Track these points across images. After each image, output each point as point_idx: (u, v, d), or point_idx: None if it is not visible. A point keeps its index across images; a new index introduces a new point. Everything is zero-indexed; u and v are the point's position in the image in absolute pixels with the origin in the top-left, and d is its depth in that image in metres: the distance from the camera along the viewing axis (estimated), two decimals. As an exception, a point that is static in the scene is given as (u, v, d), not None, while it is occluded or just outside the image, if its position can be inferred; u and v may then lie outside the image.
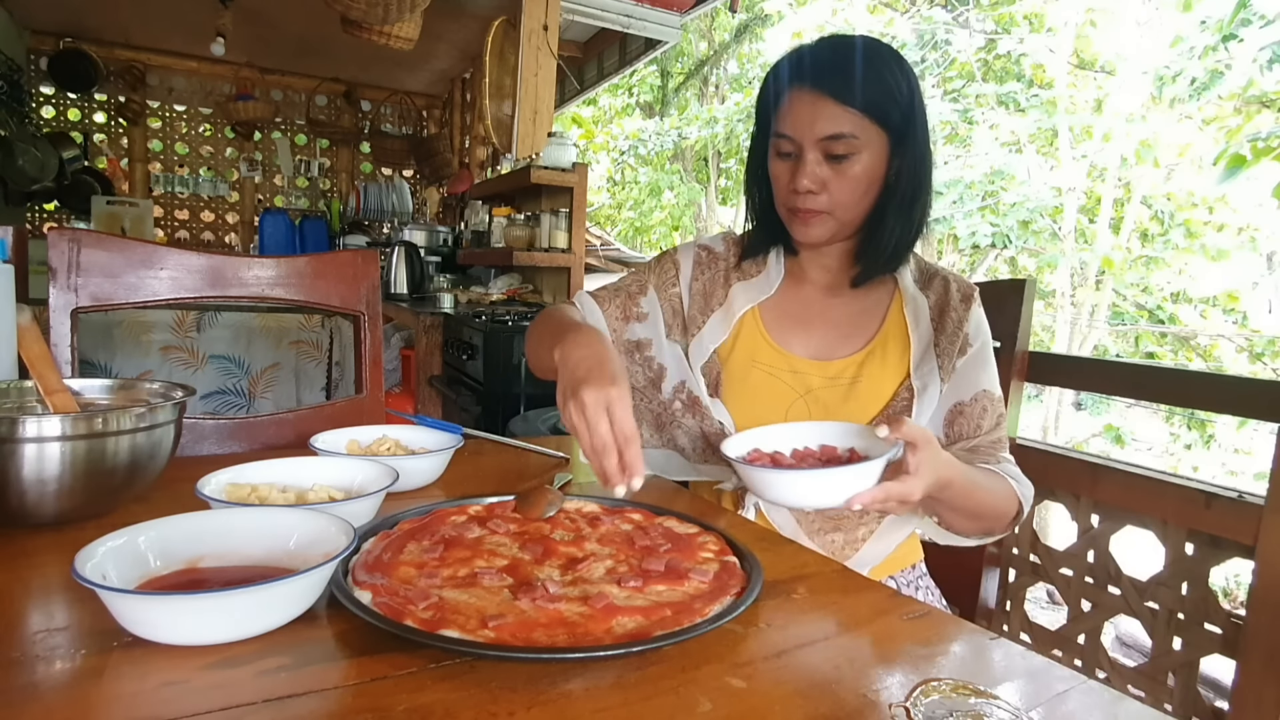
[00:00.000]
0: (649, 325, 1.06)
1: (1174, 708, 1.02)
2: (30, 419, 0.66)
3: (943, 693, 0.47)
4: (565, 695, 0.47)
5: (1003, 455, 0.98)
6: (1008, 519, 0.93)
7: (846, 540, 0.99)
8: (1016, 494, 0.93)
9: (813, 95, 0.91)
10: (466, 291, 3.42)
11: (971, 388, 0.97)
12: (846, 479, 0.75)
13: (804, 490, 0.76)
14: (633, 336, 1.06)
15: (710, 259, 1.08)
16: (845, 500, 0.75)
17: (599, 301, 1.06)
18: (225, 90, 4.80)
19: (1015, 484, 0.93)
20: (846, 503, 0.75)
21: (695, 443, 1.03)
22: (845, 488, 0.75)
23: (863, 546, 0.98)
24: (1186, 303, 6.10)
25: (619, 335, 1.05)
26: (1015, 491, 0.92)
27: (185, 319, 2.33)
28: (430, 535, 0.68)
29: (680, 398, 1.03)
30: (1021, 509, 0.93)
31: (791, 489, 0.77)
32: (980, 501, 0.88)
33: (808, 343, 1.02)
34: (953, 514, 0.90)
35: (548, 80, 3.20)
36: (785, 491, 0.77)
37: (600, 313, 1.05)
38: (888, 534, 0.99)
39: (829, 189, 0.93)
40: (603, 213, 10.80)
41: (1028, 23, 6.77)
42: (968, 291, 1.02)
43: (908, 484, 0.75)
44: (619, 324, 1.06)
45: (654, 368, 1.06)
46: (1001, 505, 0.91)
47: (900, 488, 0.75)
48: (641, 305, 1.07)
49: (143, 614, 0.50)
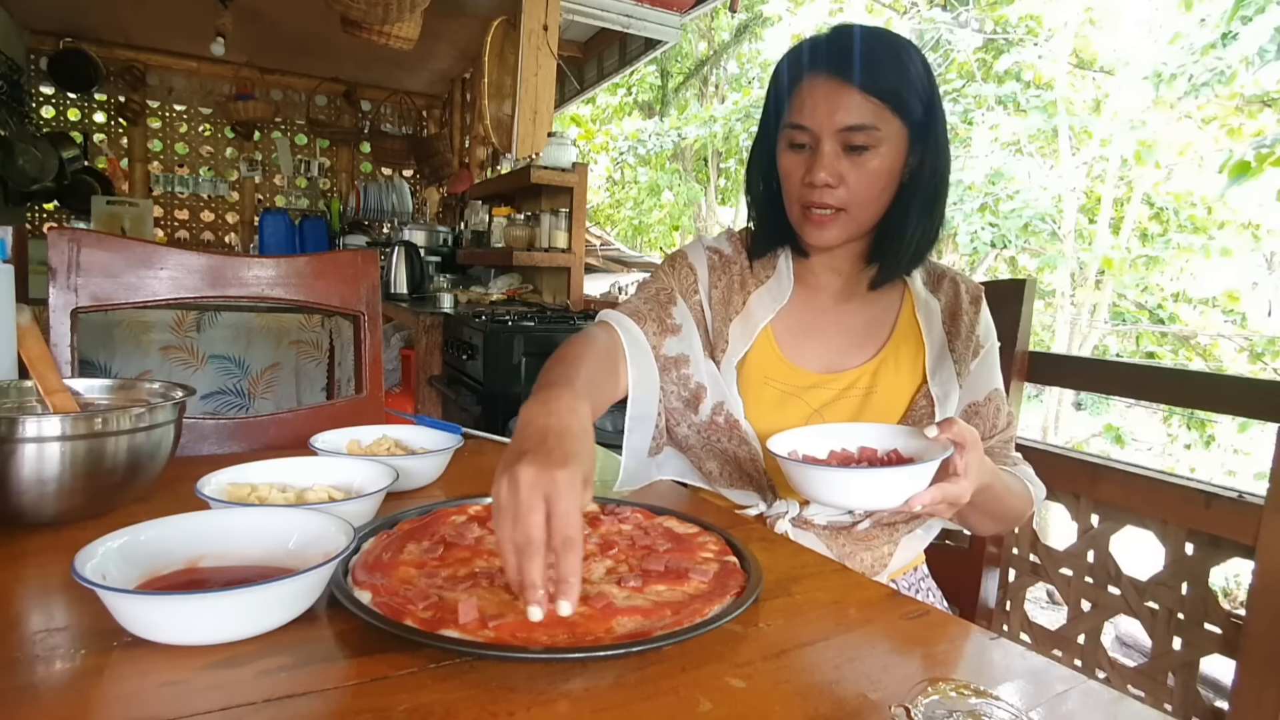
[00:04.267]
0: (684, 340, 0.97)
1: (1174, 708, 1.02)
2: (30, 419, 0.66)
3: (942, 693, 0.47)
4: (565, 695, 0.47)
5: (1013, 454, 0.98)
6: (1024, 518, 0.93)
7: (875, 559, 0.95)
8: (1031, 494, 0.92)
9: (832, 82, 0.85)
10: (466, 291, 3.42)
11: (984, 387, 0.96)
12: (904, 480, 0.73)
13: (862, 491, 0.74)
14: (670, 352, 0.96)
15: (723, 263, 1.02)
16: (902, 502, 0.73)
17: (638, 320, 0.95)
18: (225, 90, 4.80)
19: (1031, 486, 0.93)
20: (905, 504, 0.73)
21: (725, 467, 0.98)
22: (903, 489, 0.73)
23: (889, 562, 0.96)
24: (1187, 302, 6.10)
25: (657, 351, 0.96)
26: (1031, 493, 0.92)
27: (185, 319, 2.33)
28: (430, 535, 0.67)
29: (718, 419, 0.96)
30: (1034, 508, 0.93)
31: (849, 489, 0.74)
32: (1007, 504, 0.87)
33: (820, 354, 0.98)
34: (980, 517, 0.89)
35: (548, 80, 3.20)
36: (842, 492, 0.74)
37: (640, 332, 0.94)
38: (907, 546, 0.97)
39: (846, 183, 0.87)
40: (602, 212, 10.80)
41: (1025, 26, 6.77)
42: (976, 293, 1.00)
43: (960, 485, 0.74)
44: (657, 340, 0.96)
45: (691, 386, 0.97)
46: (1021, 507, 0.90)
47: (954, 489, 0.73)
48: (675, 317, 0.98)
49: (143, 614, 0.50)
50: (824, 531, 0.94)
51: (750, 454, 0.95)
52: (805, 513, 0.93)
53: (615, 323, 0.94)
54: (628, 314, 0.96)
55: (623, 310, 0.97)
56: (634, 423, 0.92)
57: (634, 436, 0.93)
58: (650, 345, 0.94)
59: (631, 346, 0.91)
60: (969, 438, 0.74)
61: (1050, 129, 6.12)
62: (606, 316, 0.96)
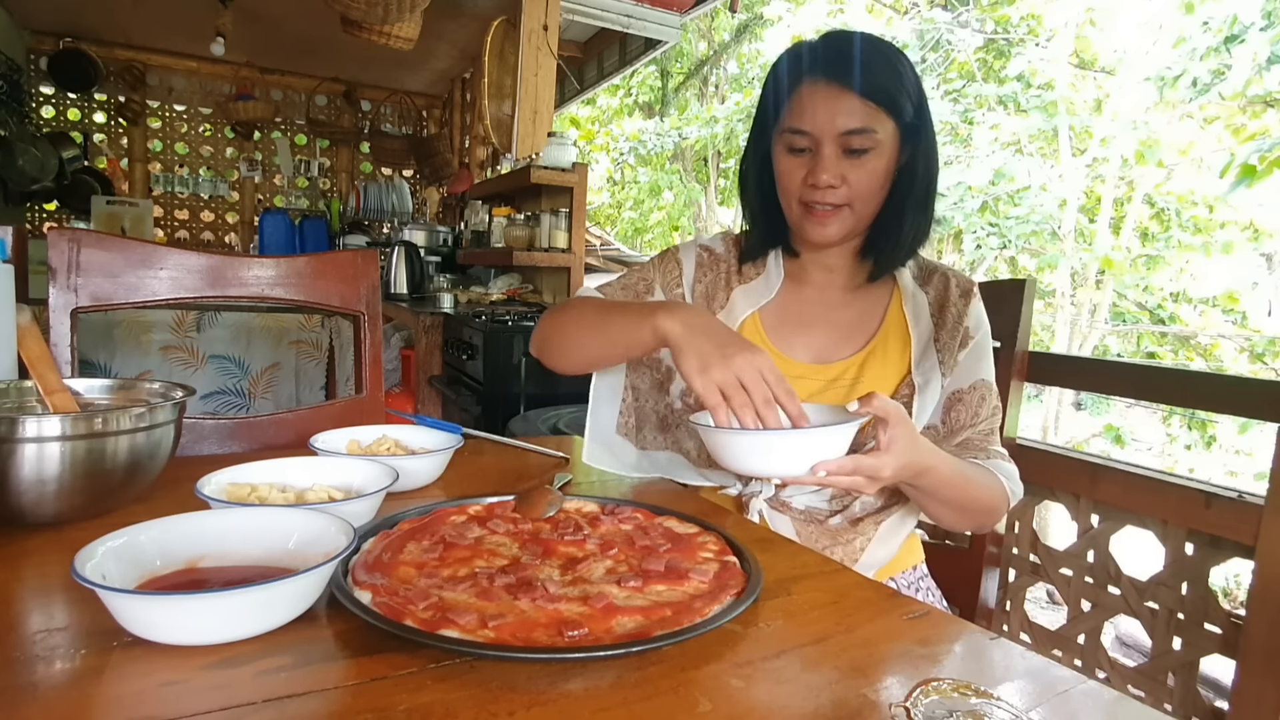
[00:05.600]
0: None
1: (1174, 708, 1.02)
2: (30, 419, 0.66)
3: (943, 693, 0.47)
4: (565, 695, 0.47)
5: (994, 447, 0.97)
6: (998, 514, 0.93)
7: (845, 554, 0.97)
8: (1005, 489, 0.92)
9: (831, 88, 0.89)
10: (466, 291, 3.42)
11: (970, 377, 0.97)
12: (811, 443, 0.73)
13: (767, 452, 0.74)
14: None
15: (712, 260, 1.06)
16: (811, 467, 0.73)
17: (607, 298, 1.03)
18: (225, 90, 4.80)
19: (1007, 481, 0.93)
20: (812, 470, 0.73)
21: (702, 447, 1.01)
22: (810, 452, 0.73)
23: (861, 556, 0.97)
24: (1187, 303, 6.10)
25: None
26: (1004, 486, 0.92)
27: (185, 319, 2.33)
28: (430, 535, 0.68)
29: (687, 400, 1.02)
30: (1009, 504, 0.93)
31: (754, 451, 0.74)
32: (966, 493, 0.87)
33: (809, 345, 1.01)
34: (938, 506, 0.90)
35: (547, 80, 3.20)
36: (749, 455, 0.75)
37: None
38: (884, 540, 0.98)
39: (848, 183, 0.91)
40: (602, 212, 10.80)
41: (1026, 26, 6.76)
42: (967, 286, 1.02)
43: (879, 459, 0.74)
44: None
45: (661, 370, 1.04)
46: (988, 499, 0.91)
47: (871, 462, 0.74)
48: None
49: (143, 614, 0.50)
50: (799, 517, 0.96)
51: None
52: (781, 495, 0.95)
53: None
54: (599, 293, 1.03)
55: (600, 291, 1.04)
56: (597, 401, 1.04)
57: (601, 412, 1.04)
58: None
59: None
60: (893, 413, 0.75)
61: (1050, 129, 6.12)
62: (583, 294, 1.03)
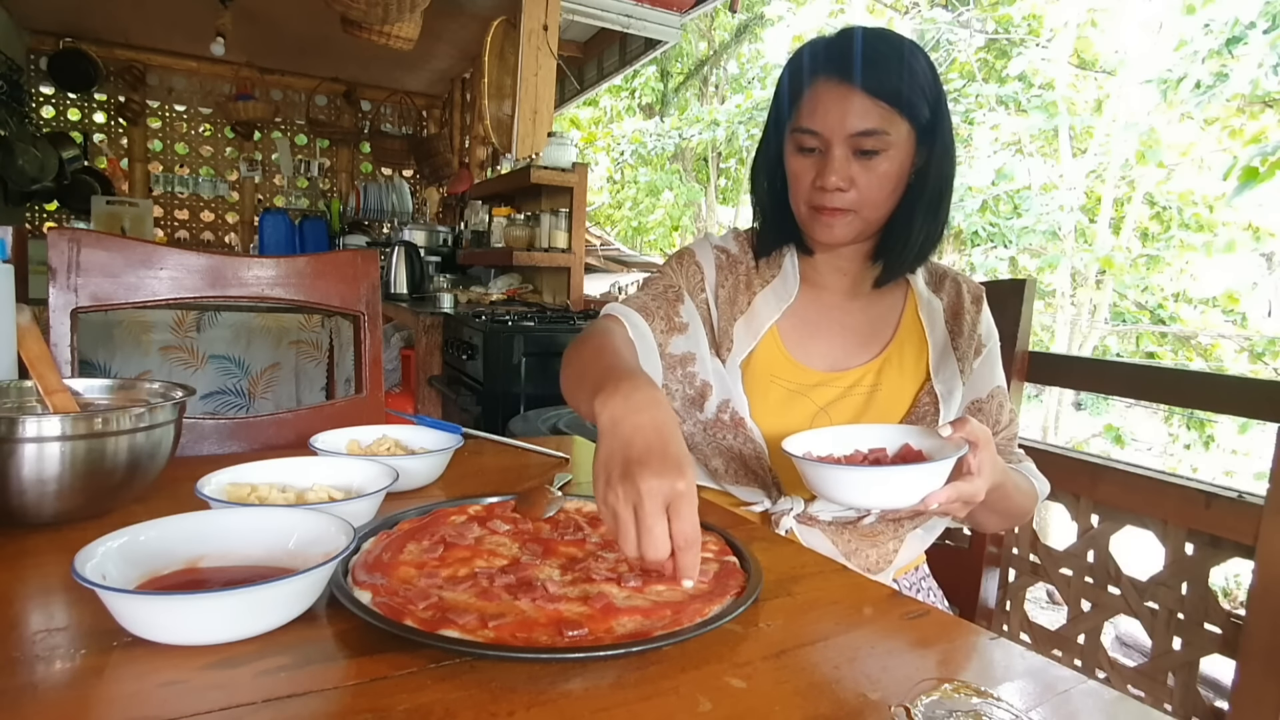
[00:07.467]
0: (690, 338, 0.97)
1: (1174, 708, 1.02)
2: (30, 419, 0.66)
3: (943, 693, 0.47)
4: (565, 695, 0.47)
5: (1017, 451, 0.98)
6: (1031, 514, 0.94)
7: (880, 555, 0.95)
8: (1036, 489, 0.93)
9: (842, 88, 0.85)
10: (466, 291, 3.42)
11: (987, 385, 0.97)
12: (921, 478, 0.73)
13: (880, 490, 0.74)
14: (675, 350, 0.97)
15: (730, 263, 1.02)
16: (919, 500, 0.73)
17: (646, 316, 0.95)
18: (225, 90, 4.81)
19: (1036, 482, 0.94)
20: (922, 503, 0.73)
21: (730, 464, 0.98)
22: (919, 487, 0.73)
23: (894, 559, 0.96)
24: (1187, 303, 6.10)
25: (663, 349, 0.96)
26: (1035, 487, 0.93)
27: (185, 319, 2.33)
28: (430, 535, 0.67)
29: (724, 417, 0.96)
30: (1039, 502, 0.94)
31: (867, 488, 0.74)
32: (1015, 502, 0.87)
33: (826, 353, 0.98)
34: (989, 514, 0.89)
35: (547, 80, 3.20)
36: (859, 491, 0.74)
37: (648, 328, 0.94)
38: (911, 544, 0.97)
39: (857, 186, 0.88)
40: (602, 212, 10.80)
41: (1027, 26, 6.76)
42: (977, 293, 1.01)
43: (974, 484, 0.74)
44: (664, 338, 0.96)
45: (696, 384, 0.97)
46: (1027, 504, 0.91)
47: (969, 488, 0.73)
48: (682, 315, 0.98)
49: (143, 614, 0.50)
50: (829, 528, 0.95)
51: (755, 451, 0.95)
52: (810, 509, 0.94)
53: (623, 317, 0.92)
54: (635, 309, 0.95)
55: (630, 305, 0.96)
56: None
57: None
58: (656, 343, 0.94)
59: (639, 341, 0.91)
60: (982, 436, 0.74)
61: (1051, 129, 6.12)
62: (613, 310, 0.94)
